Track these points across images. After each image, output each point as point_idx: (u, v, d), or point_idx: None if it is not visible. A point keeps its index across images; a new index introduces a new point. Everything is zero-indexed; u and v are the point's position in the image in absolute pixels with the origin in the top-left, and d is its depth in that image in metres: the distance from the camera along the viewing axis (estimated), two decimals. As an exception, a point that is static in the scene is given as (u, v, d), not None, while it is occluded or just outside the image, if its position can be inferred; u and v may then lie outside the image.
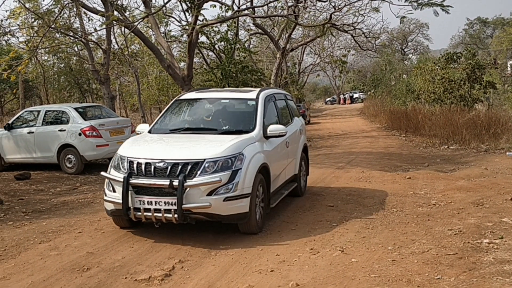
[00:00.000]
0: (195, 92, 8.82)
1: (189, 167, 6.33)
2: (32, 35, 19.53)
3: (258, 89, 8.34)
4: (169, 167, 6.36)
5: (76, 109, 13.46)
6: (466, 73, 22.66)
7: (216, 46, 21.88)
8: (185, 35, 21.14)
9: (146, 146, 7.09)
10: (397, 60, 47.70)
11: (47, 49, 22.71)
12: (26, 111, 14.58)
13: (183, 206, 6.18)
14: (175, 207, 6.21)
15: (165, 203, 6.29)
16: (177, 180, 6.19)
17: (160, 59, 15.55)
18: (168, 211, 6.27)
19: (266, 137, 7.37)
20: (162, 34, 18.58)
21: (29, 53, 16.15)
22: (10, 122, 14.13)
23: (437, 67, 25.64)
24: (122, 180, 6.42)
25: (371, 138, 21.74)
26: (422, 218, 7.38)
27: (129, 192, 6.41)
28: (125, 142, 7.34)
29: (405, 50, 65.24)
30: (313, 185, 10.37)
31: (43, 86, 28.71)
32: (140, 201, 6.39)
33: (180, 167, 6.34)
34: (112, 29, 20.74)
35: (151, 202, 6.33)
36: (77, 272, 5.49)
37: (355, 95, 69.01)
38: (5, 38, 20.82)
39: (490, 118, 17.87)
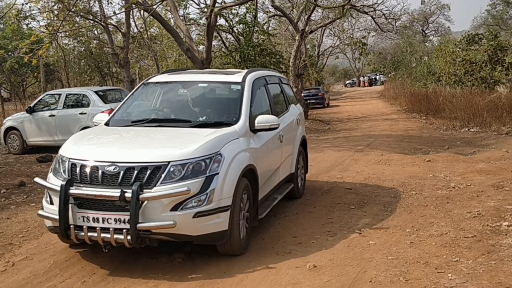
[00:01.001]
0: (167, 74, 7.19)
1: (148, 173, 4.84)
2: (52, 19, 19.66)
3: (245, 71, 6.82)
4: (122, 172, 4.86)
5: (96, 92, 13.61)
6: (487, 54, 22.33)
7: (234, 29, 21.82)
8: (203, 18, 21.12)
9: (95, 143, 5.60)
10: (417, 42, 47.11)
11: (67, 33, 22.86)
12: (47, 95, 14.77)
13: (138, 225, 4.71)
14: (128, 226, 4.74)
15: (115, 220, 4.79)
16: (131, 191, 4.71)
17: (179, 42, 15.56)
18: (119, 231, 4.78)
19: (254, 130, 5.88)
20: (181, 17, 18.58)
21: (49, 37, 16.29)
22: (31, 105, 14.33)
23: (458, 48, 25.31)
24: (59, 189, 4.92)
25: (391, 120, 21.58)
26: (441, 200, 7.34)
27: (69, 205, 4.91)
28: (70, 138, 5.79)
29: (426, 31, 64.27)
30: (331, 168, 10.37)
31: (64, 69, 28.95)
32: (83, 217, 4.88)
33: (136, 172, 4.84)
34: (131, 13, 20.79)
35: (97, 219, 4.84)
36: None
37: (375, 77, 68.33)
38: (26, 22, 20.97)
39: (511, 100, 17.60)
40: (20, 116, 14.39)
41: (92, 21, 20.04)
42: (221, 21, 20.88)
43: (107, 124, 6.19)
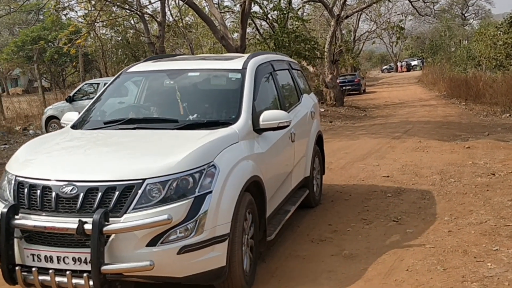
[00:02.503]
0: (152, 61, 5.85)
1: (116, 195, 3.57)
2: (90, 9, 19.94)
3: (246, 55, 5.61)
4: (82, 195, 3.61)
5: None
6: (530, 37, 21.65)
7: (269, 16, 21.75)
8: (238, 5, 21.08)
9: (50, 154, 4.24)
10: (457, 26, 46.03)
11: (104, 23, 23.16)
12: (86, 84, 15.08)
13: (103, 268, 3.49)
14: (90, 268, 3.50)
15: (74, 260, 3.58)
16: (92, 220, 3.46)
17: (213, 30, 15.61)
18: (79, 273, 3.56)
19: (258, 130, 4.66)
20: (216, 5, 18.59)
21: (87, 27, 16.58)
22: (71, 94, 14.65)
23: (499, 32, 24.62)
24: None
25: (429, 106, 21.22)
26: (481, 188, 7.19)
27: (14, 239, 3.67)
28: (22, 147, 4.50)
29: (466, 15, 62.68)
30: (367, 155, 10.27)
31: (102, 59, 29.39)
32: (33, 255, 3.65)
33: (100, 194, 3.58)
34: (166, 2, 20.92)
35: (51, 258, 3.61)
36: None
37: (413, 63, 67.15)
38: (64, 12, 21.34)
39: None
40: (60, 105, 14.72)
41: (128, 11, 20.25)
42: (255, 8, 20.84)
43: (74, 126, 4.89)
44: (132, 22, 27.74)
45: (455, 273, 4.40)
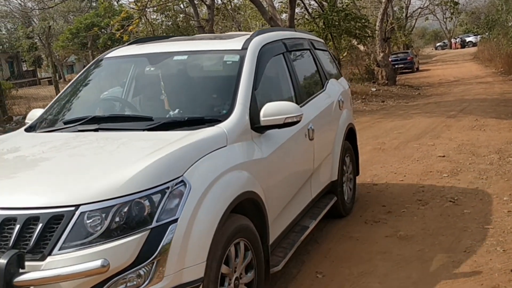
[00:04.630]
0: (136, 44, 4.80)
1: (38, 228, 2.57)
2: (140, -6, 20.23)
3: (250, 34, 4.48)
4: None
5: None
6: None
7: (318, -5, 21.44)
8: (287, -14, 20.89)
9: None
10: (515, -1, 44.08)
11: (155, 8, 23.44)
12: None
13: None
14: None
15: None
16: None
17: (262, 12, 15.54)
18: None
19: (259, 128, 3.64)
20: (264, -14, 18.47)
21: (138, 12, 16.81)
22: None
23: (561, 3, 23.44)
24: None
25: (486, 84, 20.53)
26: (542, 167, 6.93)
27: None
28: None
29: (525, -14, 60.01)
30: (422, 135, 10.06)
31: (153, 44, 29.77)
32: None
33: (18, 227, 2.59)
34: (215, -16, 20.95)
35: None
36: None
37: (468, 39, 64.98)
38: (116, -1, 21.75)
39: None
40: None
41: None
42: (304, -13, 20.59)
43: (31, 128, 3.97)
44: (181, 6, 27.95)
45: (515, 255, 4.28)
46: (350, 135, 5.91)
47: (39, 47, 48.20)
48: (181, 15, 29.29)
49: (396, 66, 28.26)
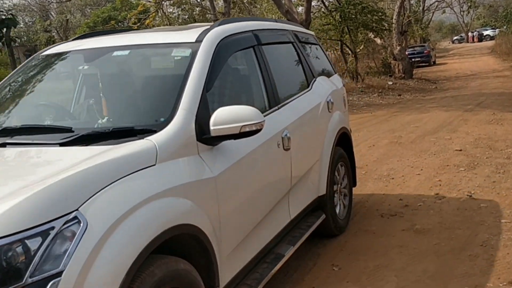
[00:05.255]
0: (82, 39, 3.96)
1: None
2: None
3: (211, 24, 3.75)
4: None
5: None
6: None
7: (334, -12, 21.34)
8: (303, -21, 20.82)
9: None
10: (535, -9, 43.47)
11: (171, 1, 23.50)
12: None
13: None
14: None
15: None
16: None
17: (278, 5, 15.51)
18: None
19: (209, 139, 2.92)
20: (280, -21, 18.43)
21: (155, 6, 16.87)
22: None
23: None
24: None
25: (504, 78, 20.30)
26: (561, 162, 6.87)
27: None
28: None
29: (545, -21, 59.08)
30: (438, 129, 10.00)
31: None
32: None
33: None
34: (231, -23, 20.94)
35: None
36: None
37: (485, 32, 64.21)
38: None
39: None
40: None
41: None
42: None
43: None
44: (197, -1, 28.00)
45: (533, 249, 4.26)
46: (344, 141, 5.17)
47: (57, 40, 48.55)
48: (197, 9, 29.31)
49: (413, 59, 28.08)
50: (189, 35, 3.47)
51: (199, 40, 3.33)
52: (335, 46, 24.01)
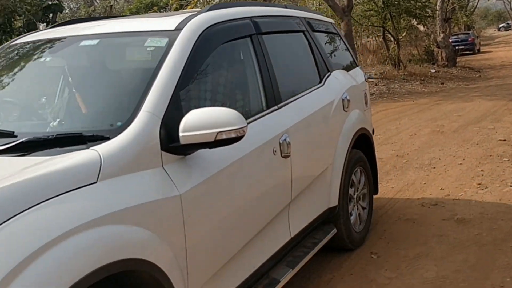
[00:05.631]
0: (55, 28, 3.51)
1: None
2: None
3: (197, 11, 3.17)
4: None
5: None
6: None
7: (377, -27, 21.00)
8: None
9: None
10: None
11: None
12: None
13: None
14: None
15: None
16: None
17: (320, -9, 15.38)
18: None
19: (180, 148, 2.40)
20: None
21: (196, -8, 16.95)
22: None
23: None
24: None
25: (552, 66, 19.72)
26: None
27: None
28: None
29: None
30: (482, 118, 9.81)
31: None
32: None
33: None
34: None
35: None
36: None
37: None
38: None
39: None
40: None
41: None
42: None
43: None
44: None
45: None
46: (364, 143, 4.59)
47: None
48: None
49: (457, 47, 27.47)
50: (169, 21, 2.93)
51: (179, 28, 2.80)
52: (377, 33, 23.70)
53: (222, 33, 3.05)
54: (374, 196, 4.85)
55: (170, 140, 2.36)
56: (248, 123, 2.56)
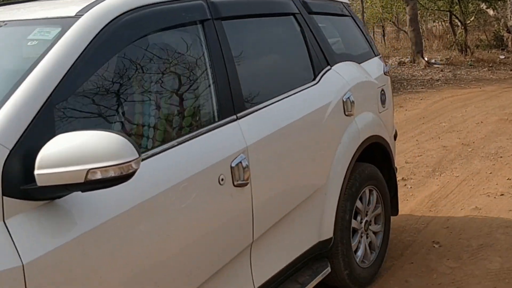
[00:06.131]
0: None
1: None
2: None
3: None
4: None
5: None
6: None
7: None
8: None
9: None
10: None
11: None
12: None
13: None
14: None
15: None
16: None
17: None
18: None
19: (36, 192, 1.61)
20: None
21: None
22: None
23: None
24: None
25: None
26: None
27: None
28: None
29: None
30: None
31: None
32: None
33: None
34: None
35: None
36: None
37: None
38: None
39: None
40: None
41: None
42: None
43: None
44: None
45: None
46: (379, 154, 3.72)
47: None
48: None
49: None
50: (73, 6, 2.16)
51: (79, 15, 2.06)
52: (444, 17, 23.00)
53: (149, 21, 2.24)
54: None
55: (21, 179, 1.62)
56: (179, 144, 2.06)
